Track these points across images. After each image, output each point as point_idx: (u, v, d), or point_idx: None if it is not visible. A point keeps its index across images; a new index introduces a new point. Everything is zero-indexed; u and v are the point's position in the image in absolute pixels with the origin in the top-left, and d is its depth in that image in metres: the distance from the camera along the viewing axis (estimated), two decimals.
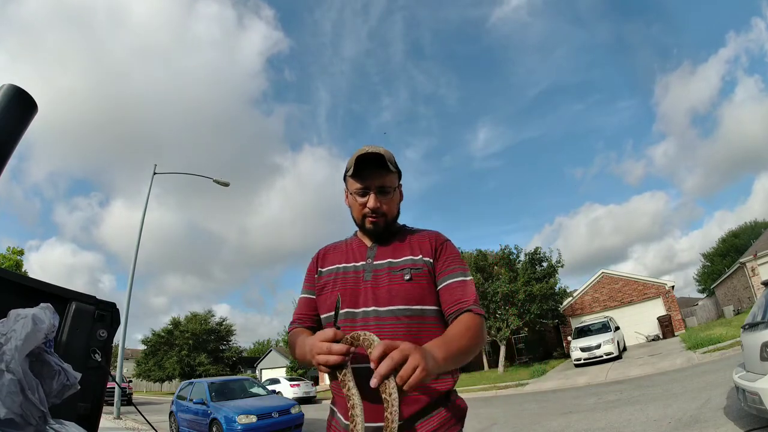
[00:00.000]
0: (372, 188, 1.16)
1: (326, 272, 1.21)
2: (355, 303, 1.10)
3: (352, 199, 1.20)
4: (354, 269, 1.17)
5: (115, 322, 0.97)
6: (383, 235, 1.21)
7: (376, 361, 0.76)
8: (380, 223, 1.18)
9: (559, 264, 18.86)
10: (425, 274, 1.12)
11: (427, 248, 1.17)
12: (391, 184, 1.18)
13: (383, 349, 0.78)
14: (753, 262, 20.62)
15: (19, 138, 0.83)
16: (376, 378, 0.75)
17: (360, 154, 1.13)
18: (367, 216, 1.17)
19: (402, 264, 1.13)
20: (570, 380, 12.07)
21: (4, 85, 0.81)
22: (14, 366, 0.68)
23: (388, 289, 1.10)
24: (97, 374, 0.91)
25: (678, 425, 4.91)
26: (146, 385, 42.26)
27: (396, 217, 1.24)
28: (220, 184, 14.04)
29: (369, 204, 1.16)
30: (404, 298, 1.08)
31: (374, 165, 1.15)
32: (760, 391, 3.42)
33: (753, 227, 37.77)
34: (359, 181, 1.16)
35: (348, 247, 1.25)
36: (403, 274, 1.11)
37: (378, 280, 1.12)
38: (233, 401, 8.43)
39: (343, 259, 1.21)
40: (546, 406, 8.48)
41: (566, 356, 19.30)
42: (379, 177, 1.16)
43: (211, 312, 37.95)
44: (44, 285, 0.89)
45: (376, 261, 1.16)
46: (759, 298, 4.34)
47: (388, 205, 1.18)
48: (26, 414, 0.68)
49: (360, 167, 1.14)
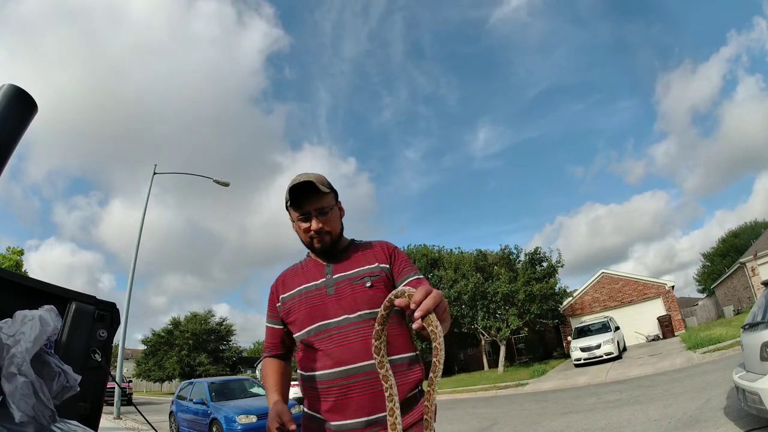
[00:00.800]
0: (311, 212, 1.27)
1: (289, 297, 1.31)
2: (325, 315, 1.22)
3: (296, 226, 1.32)
4: (316, 287, 1.28)
5: (115, 322, 0.97)
6: (334, 251, 1.32)
7: (418, 302, 0.86)
8: (327, 241, 1.29)
9: (559, 264, 18.86)
10: (383, 279, 1.26)
11: (381, 256, 1.31)
12: (327, 204, 1.29)
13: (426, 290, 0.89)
14: (753, 262, 20.63)
15: (19, 138, 0.83)
16: (421, 312, 0.84)
17: (291, 186, 1.23)
18: (313, 238, 1.28)
19: (361, 273, 1.26)
20: (570, 380, 12.07)
21: (4, 85, 0.81)
22: (26, 369, 0.68)
23: (353, 298, 1.23)
24: (97, 374, 0.90)
25: (678, 425, 4.91)
26: (146, 385, 42.29)
27: (341, 233, 1.35)
28: (220, 184, 14.04)
29: (312, 227, 1.27)
30: (368, 303, 1.21)
31: (307, 191, 1.25)
32: (760, 391, 3.42)
33: (753, 227, 37.77)
34: (298, 209, 1.27)
35: (304, 268, 1.35)
36: (363, 282, 1.24)
37: (341, 291, 1.24)
38: (233, 401, 8.43)
39: (303, 281, 1.31)
40: (546, 406, 8.48)
41: (566, 356, 19.31)
42: (315, 201, 1.26)
43: (211, 312, 37.97)
44: (44, 285, 0.89)
45: (335, 275, 1.27)
46: (759, 298, 4.34)
47: (329, 224, 1.29)
48: (38, 415, 0.68)
49: (296, 196, 1.25)
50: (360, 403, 1.14)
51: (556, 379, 13.00)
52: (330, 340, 1.19)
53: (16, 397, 0.66)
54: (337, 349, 1.17)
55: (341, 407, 1.15)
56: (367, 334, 1.15)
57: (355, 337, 1.18)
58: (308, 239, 1.30)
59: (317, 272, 1.30)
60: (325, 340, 1.20)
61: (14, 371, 0.67)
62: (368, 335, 1.13)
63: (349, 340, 1.18)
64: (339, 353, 1.17)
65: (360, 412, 1.14)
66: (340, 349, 1.17)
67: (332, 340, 1.19)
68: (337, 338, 1.19)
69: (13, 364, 0.67)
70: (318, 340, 1.21)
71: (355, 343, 1.17)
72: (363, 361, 1.15)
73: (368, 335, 1.13)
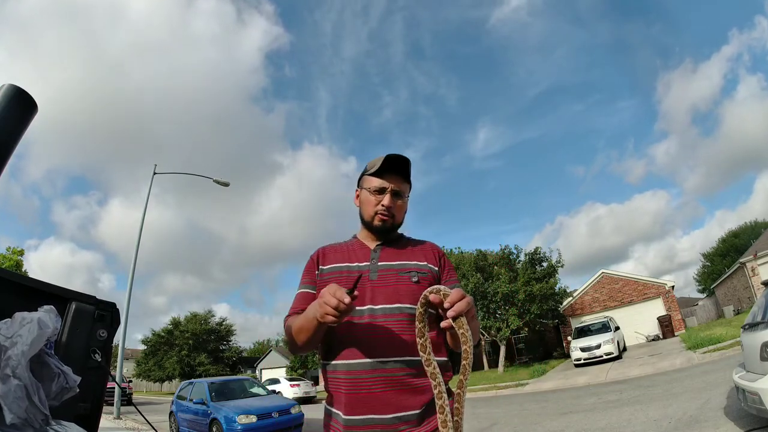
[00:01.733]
0: (389, 189, 1.23)
1: (328, 270, 1.23)
2: (360, 300, 1.12)
3: (366, 195, 1.27)
4: (358, 269, 1.20)
5: (115, 322, 0.97)
6: (386, 237, 1.28)
7: (453, 302, 0.90)
8: (388, 223, 1.25)
9: (559, 264, 18.85)
10: (429, 279, 1.20)
11: (431, 257, 1.26)
12: (405, 191, 1.28)
13: (462, 292, 0.92)
14: (753, 262, 20.61)
15: (19, 138, 0.83)
16: (454, 312, 0.88)
17: (389, 155, 1.21)
18: (378, 213, 1.23)
19: (409, 267, 1.21)
20: (570, 380, 12.07)
21: (4, 85, 0.81)
22: (20, 372, 0.68)
23: (396, 288, 1.16)
24: (97, 374, 0.90)
25: (678, 425, 4.91)
26: (146, 385, 42.26)
27: (400, 224, 1.31)
28: (220, 184, 14.03)
29: (384, 202, 1.23)
30: (412, 297, 1.13)
31: (397, 169, 1.24)
32: (760, 391, 3.42)
33: (753, 227, 37.75)
34: (381, 179, 1.24)
35: (349, 248, 1.28)
36: (410, 276, 1.18)
37: (384, 279, 1.18)
38: (233, 401, 8.42)
39: (345, 259, 1.24)
40: (546, 406, 8.48)
41: (566, 356, 19.30)
42: (398, 181, 1.25)
43: (211, 312, 37.98)
44: (44, 285, 0.89)
45: (381, 262, 1.21)
46: (759, 298, 4.34)
47: (398, 209, 1.26)
48: (30, 418, 0.68)
49: (385, 168, 1.22)
50: (383, 399, 1.05)
51: (556, 379, 13.00)
52: (360, 327, 1.11)
53: (8, 399, 0.66)
54: (365, 339, 1.09)
55: (361, 402, 1.06)
56: (399, 329, 1.10)
57: (387, 329, 1.10)
58: (372, 213, 1.24)
59: (363, 255, 1.24)
60: (355, 326, 1.11)
61: (9, 373, 0.67)
62: (401, 330, 1.10)
63: (380, 332, 1.10)
64: (366, 343, 1.09)
65: (382, 410, 1.05)
66: (367, 339, 1.09)
67: (362, 328, 1.10)
68: (366, 327, 1.10)
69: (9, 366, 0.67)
70: (347, 324, 1.10)
71: (384, 336, 1.09)
72: (389, 357, 1.08)
73: (401, 330, 1.10)
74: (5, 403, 0.66)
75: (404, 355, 1.08)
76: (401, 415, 1.05)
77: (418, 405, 1.06)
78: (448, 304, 0.89)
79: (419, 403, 1.07)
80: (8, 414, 0.65)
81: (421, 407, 1.07)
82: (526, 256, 19.03)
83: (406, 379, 1.07)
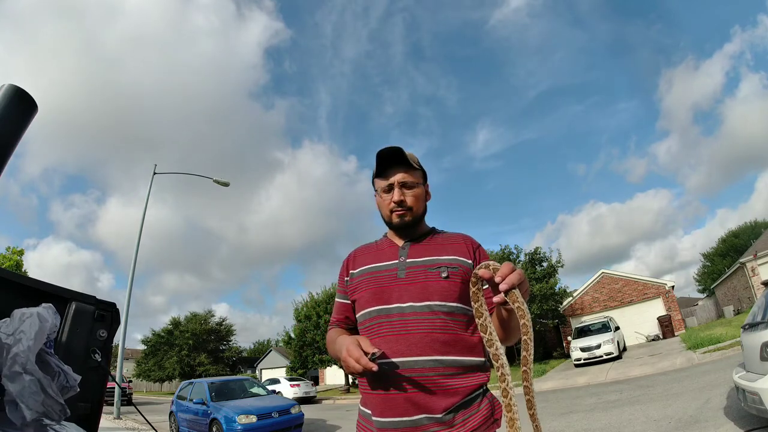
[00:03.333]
0: (395, 184, 1.21)
1: (358, 273, 1.24)
2: (387, 300, 1.12)
3: (378, 198, 1.26)
4: (386, 268, 1.19)
5: (115, 322, 0.97)
6: (412, 232, 1.24)
7: (504, 275, 0.86)
8: (406, 217, 1.21)
9: (559, 264, 18.88)
10: (461, 273, 1.14)
11: (464, 250, 1.20)
12: (413, 179, 1.22)
13: (511, 265, 0.89)
14: (753, 262, 20.61)
15: (19, 138, 0.83)
16: (507, 285, 0.85)
17: (379, 152, 1.19)
18: (393, 211, 1.21)
19: (438, 262, 1.16)
20: (570, 380, 12.07)
21: (4, 85, 0.81)
22: (31, 367, 0.68)
23: (424, 285, 1.12)
24: (97, 374, 0.90)
25: (678, 425, 4.90)
26: (146, 385, 42.23)
27: (423, 215, 1.27)
28: (220, 184, 14.02)
29: (393, 198, 1.20)
30: (442, 294, 1.11)
31: (394, 161, 1.21)
32: (760, 391, 3.42)
33: (753, 227, 37.74)
34: (383, 178, 1.23)
35: (378, 247, 1.28)
36: (440, 272, 1.14)
37: (413, 276, 1.15)
38: (233, 401, 8.42)
39: (374, 260, 1.23)
40: (546, 406, 8.47)
41: (566, 356, 19.28)
42: (402, 172, 1.21)
43: (211, 312, 37.95)
44: (44, 285, 0.89)
45: (409, 259, 1.18)
46: (759, 298, 4.34)
47: (412, 199, 1.22)
48: (48, 411, 0.68)
49: (382, 165, 1.21)
50: (413, 400, 1.03)
51: (556, 379, 12.99)
52: (389, 326, 1.09)
53: (25, 395, 0.66)
54: (394, 338, 1.07)
55: (388, 403, 1.04)
56: (429, 328, 1.07)
57: (417, 327, 1.07)
58: (388, 212, 1.22)
59: (391, 253, 1.22)
60: (384, 326, 1.10)
61: (19, 370, 0.67)
62: (431, 329, 1.07)
63: (409, 330, 1.07)
64: (395, 343, 1.06)
65: (409, 411, 1.02)
66: (396, 338, 1.07)
67: (392, 326, 1.08)
68: (397, 326, 1.08)
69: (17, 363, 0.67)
70: (377, 324, 1.11)
71: (415, 335, 1.07)
72: (419, 356, 1.05)
73: (431, 329, 1.07)
74: (22, 401, 0.66)
75: (434, 354, 1.06)
76: (433, 417, 1.03)
77: (449, 406, 1.04)
78: (499, 278, 0.86)
79: (450, 404, 1.04)
80: (27, 411, 0.65)
81: (452, 408, 1.04)
82: (526, 256, 19.06)
83: (437, 380, 1.04)
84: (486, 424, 1.07)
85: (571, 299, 22.88)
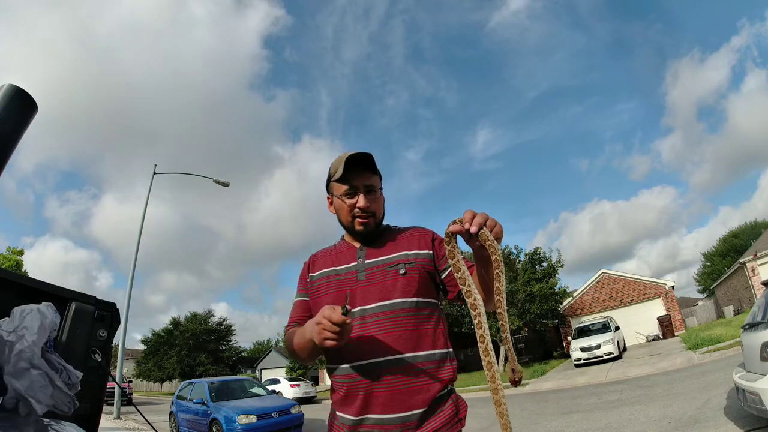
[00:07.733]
0: (360, 188, 1.18)
1: (317, 276, 1.24)
2: (351, 303, 1.12)
3: (338, 202, 1.21)
4: (346, 271, 1.19)
5: (115, 322, 0.97)
6: (372, 235, 1.23)
7: (469, 220, 0.86)
8: (370, 224, 1.20)
9: (559, 264, 18.85)
10: (418, 267, 1.15)
11: (421, 242, 1.21)
12: (377, 185, 1.22)
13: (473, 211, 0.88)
14: (753, 262, 20.61)
15: (19, 138, 0.83)
16: (475, 227, 0.85)
17: (349, 155, 1.15)
18: (357, 217, 1.19)
19: (396, 260, 1.16)
20: (570, 380, 12.07)
21: (4, 85, 0.81)
22: (37, 361, 0.68)
23: (383, 285, 1.13)
24: (97, 374, 0.91)
25: (678, 425, 4.90)
26: (146, 385, 42.24)
27: (383, 218, 1.27)
28: (220, 184, 14.02)
29: (359, 203, 1.17)
30: (402, 291, 1.12)
31: (362, 166, 1.18)
32: (760, 391, 3.42)
33: (753, 227, 37.74)
34: (347, 182, 1.18)
35: (337, 251, 1.27)
36: (397, 269, 1.14)
37: (372, 278, 1.15)
38: (233, 401, 8.43)
39: (333, 263, 1.23)
40: (546, 406, 8.48)
41: (566, 356, 19.28)
42: (366, 177, 1.19)
43: (210, 312, 37.95)
44: (44, 285, 0.89)
45: (367, 260, 1.18)
46: (759, 298, 4.34)
47: (376, 206, 1.21)
48: (58, 403, 0.69)
49: (347, 169, 1.16)
50: (381, 400, 1.05)
51: (556, 379, 12.99)
52: (355, 328, 1.08)
53: (34, 389, 0.66)
54: (360, 341, 1.07)
55: (361, 403, 1.06)
56: (393, 326, 1.08)
57: (380, 329, 1.08)
58: (350, 218, 1.19)
59: (349, 256, 1.21)
60: None
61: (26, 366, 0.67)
62: (394, 327, 1.08)
63: (372, 332, 1.08)
64: (361, 345, 1.07)
65: (382, 410, 1.04)
66: (362, 340, 1.07)
67: (356, 330, 1.08)
68: (360, 329, 1.09)
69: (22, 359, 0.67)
70: None
71: (379, 336, 1.07)
72: (386, 356, 1.06)
73: (394, 327, 1.08)
74: (31, 395, 0.66)
75: (399, 353, 1.07)
76: (401, 416, 1.04)
77: (418, 404, 1.05)
78: (467, 224, 0.86)
79: (419, 402, 1.05)
80: (37, 405, 0.66)
81: (422, 406, 1.05)
82: (526, 256, 19.04)
83: (402, 378, 1.06)
84: (450, 424, 1.08)
85: (571, 299, 22.87)
